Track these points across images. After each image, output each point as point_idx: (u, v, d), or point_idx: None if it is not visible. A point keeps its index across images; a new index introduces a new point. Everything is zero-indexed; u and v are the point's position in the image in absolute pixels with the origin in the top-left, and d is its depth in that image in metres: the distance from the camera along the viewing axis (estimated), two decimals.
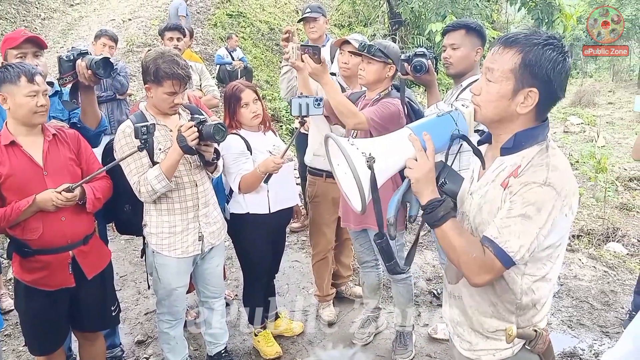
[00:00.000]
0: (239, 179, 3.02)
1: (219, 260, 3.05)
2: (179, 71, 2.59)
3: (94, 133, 2.79)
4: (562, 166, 1.49)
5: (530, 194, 1.44)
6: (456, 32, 2.93)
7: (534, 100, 1.47)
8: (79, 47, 2.63)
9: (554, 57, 1.44)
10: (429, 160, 1.54)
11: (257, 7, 14.28)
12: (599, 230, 5.93)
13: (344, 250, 4.06)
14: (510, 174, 1.51)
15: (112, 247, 4.21)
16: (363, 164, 1.50)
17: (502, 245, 1.45)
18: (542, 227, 1.43)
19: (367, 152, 1.51)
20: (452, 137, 1.59)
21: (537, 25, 10.10)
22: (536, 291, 1.57)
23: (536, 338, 1.57)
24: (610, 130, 14.01)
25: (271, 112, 9.74)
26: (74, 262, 2.56)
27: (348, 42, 3.31)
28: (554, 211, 1.43)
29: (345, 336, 3.64)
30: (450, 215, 1.53)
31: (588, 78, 29.57)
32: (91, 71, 2.52)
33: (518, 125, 1.53)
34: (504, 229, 1.46)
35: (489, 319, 1.65)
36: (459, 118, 1.58)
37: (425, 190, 1.55)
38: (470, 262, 1.49)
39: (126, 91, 5.25)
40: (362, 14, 14.72)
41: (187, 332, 3.48)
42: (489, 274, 1.48)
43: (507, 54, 1.48)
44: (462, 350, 1.77)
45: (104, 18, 12.31)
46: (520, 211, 1.44)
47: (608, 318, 3.90)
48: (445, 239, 1.54)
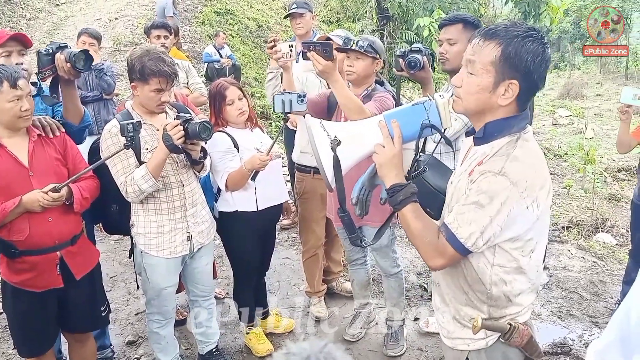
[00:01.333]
0: (226, 176, 3.01)
1: (208, 259, 3.04)
2: (165, 68, 2.57)
3: (77, 128, 2.73)
4: (526, 159, 1.49)
5: (484, 183, 1.46)
6: (453, 27, 2.80)
7: (514, 92, 1.48)
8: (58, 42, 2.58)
9: (534, 48, 1.45)
10: (394, 146, 1.59)
11: (244, 4, 14.21)
12: (588, 221, 5.97)
13: (334, 246, 4.06)
14: (478, 163, 1.53)
15: (102, 248, 4.19)
16: (327, 145, 1.59)
17: (453, 230, 1.50)
18: (495, 217, 1.45)
19: (333, 135, 1.60)
20: (422, 126, 1.62)
21: (524, 18, 10.12)
22: (509, 283, 1.58)
23: (510, 331, 1.57)
24: (599, 122, 14.11)
25: (260, 109, 9.70)
26: (62, 262, 2.54)
27: (330, 38, 3.30)
28: (508, 201, 1.44)
29: (336, 332, 3.65)
30: (410, 200, 1.58)
31: (576, 70, 29.73)
32: (70, 64, 2.46)
33: (497, 116, 1.55)
34: (458, 216, 1.50)
35: (464, 307, 1.68)
36: (431, 108, 1.61)
37: (389, 174, 1.60)
38: (425, 245, 1.56)
39: (113, 91, 5.20)
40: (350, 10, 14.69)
41: (177, 332, 3.47)
42: (442, 258, 1.54)
43: (487, 46, 1.48)
44: (442, 337, 1.82)
45: (90, 17, 12.21)
46: (474, 199, 1.47)
47: (597, 308, 3.93)
48: (404, 222, 1.60)
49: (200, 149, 2.72)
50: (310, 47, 2.56)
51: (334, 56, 2.57)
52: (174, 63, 2.70)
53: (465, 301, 1.66)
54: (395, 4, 10.08)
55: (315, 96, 3.16)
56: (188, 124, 2.55)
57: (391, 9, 10.51)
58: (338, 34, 3.33)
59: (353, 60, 2.96)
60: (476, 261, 1.57)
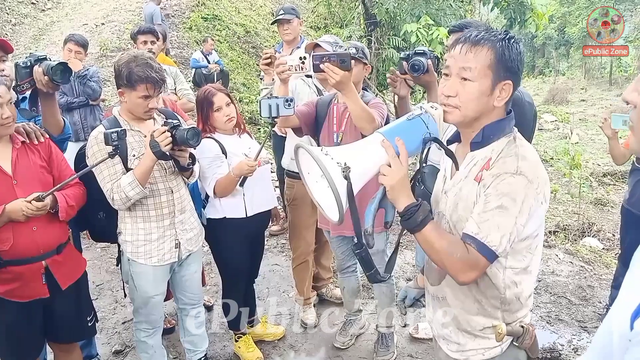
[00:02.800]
0: (214, 183, 2.99)
1: (196, 266, 3.01)
2: (152, 74, 2.54)
3: (56, 140, 2.67)
4: (531, 156, 1.52)
5: (504, 185, 1.45)
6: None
7: (509, 93, 1.52)
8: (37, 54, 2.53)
9: (519, 48, 1.51)
10: (402, 165, 1.52)
11: (232, 10, 14.20)
12: (574, 226, 6.02)
13: (324, 253, 4.04)
14: (482, 168, 1.53)
15: (88, 256, 4.14)
16: (339, 174, 1.46)
17: (484, 240, 1.46)
18: (519, 216, 1.45)
19: (342, 162, 1.47)
20: (424, 140, 1.58)
21: (510, 24, 10.22)
22: (519, 284, 1.58)
23: (523, 334, 1.59)
24: (584, 127, 14.24)
25: (248, 115, 9.69)
26: (48, 272, 2.49)
27: (319, 45, 3.29)
28: (528, 199, 1.45)
29: (326, 339, 3.63)
30: (429, 219, 1.52)
31: (561, 76, 30.09)
32: (48, 77, 2.42)
33: (491, 119, 1.56)
34: (483, 224, 1.46)
35: (475, 317, 1.65)
36: (429, 121, 1.58)
37: (400, 196, 1.53)
38: (455, 262, 1.48)
39: (99, 97, 5.17)
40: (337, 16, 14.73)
41: (165, 340, 3.43)
42: (475, 270, 1.49)
43: (480, 51, 1.50)
44: (450, 352, 1.76)
45: (76, 23, 12.11)
46: (496, 203, 1.45)
47: (586, 313, 3.95)
48: (427, 243, 1.52)
49: (188, 155, 2.69)
50: (324, 58, 2.40)
51: (352, 66, 2.45)
52: (162, 69, 2.67)
53: (477, 310, 1.64)
54: (383, 10, 10.12)
55: (303, 107, 3.09)
56: (176, 130, 2.52)
57: (379, 15, 10.54)
58: (327, 40, 3.32)
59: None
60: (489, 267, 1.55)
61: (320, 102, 3.13)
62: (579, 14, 28.22)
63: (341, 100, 3.06)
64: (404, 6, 10.34)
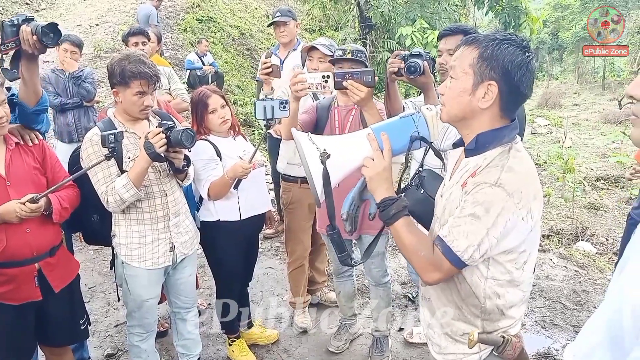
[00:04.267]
0: (208, 185, 2.97)
1: (191, 270, 2.98)
2: (145, 69, 2.51)
3: (31, 111, 2.52)
4: (521, 169, 1.48)
5: (480, 194, 1.45)
6: (454, 37, 2.79)
7: (494, 94, 1.48)
8: (24, 14, 2.36)
9: (512, 50, 1.46)
10: (384, 159, 1.58)
11: (227, 12, 14.17)
12: (568, 230, 6.04)
13: (319, 256, 4.03)
14: (471, 175, 1.52)
15: (81, 258, 4.10)
16: (316, 158, 1.56)
17: (450, 244, 1.48)
18: (492, 228, 1.43)
19: (322, 148, 1.57)
20: (411, 138, 1.62)
21: (505, 28, 10.27)
22: (502, 296, 1.56)
23: (504, 344, 1.56)
24: (577, 131, 14.33)
25: (243, 117, 9.66)
26: (40, 274, 2.47)
27: (315, 48, 3.28)
28: (504, 212, 1.42)
29: (321, 343, 3.62)
30: (402, 214, 1.56)
31: (554, 80, 30.25)
32: (36, 37, 2.27)
33: (483, 123, 1.54)
34: (454, 229, 1.48)
35: (457, 322, 1.66)
36: (419, 120, 1.62)
37: (379, 188, 1.59)
38: (420, 259, 1.53)
39: (93, 98, 5.13)
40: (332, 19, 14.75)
41: (158, 344, 3.40)
42: (438, 272, 1.52)
43: (467, 50, 1.51)
44: (433, 353, 1.79)
45: (70, 23, 12.05)
46: (470, 211, 1.45)
47: (581, 317, 3.96)
48: (397, 237, 1.58)
49: (183, 157, 2.67)
50: (347, 75, 2.31)
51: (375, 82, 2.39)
52: (155, 65, 2.64)
53: (458, 316, 1.64)
54: (378, 13, 10.15)
55: (304, 115, 3.05)
56: (170, 132, 2.50)
57: (374, 18, 10.56)
58: (322, 43, 3.31)
59: (347, 69, 2.91)
60: (470, 275, 1.56)
61: (320, 107, 3.12)
62: (572, 19, 28.43)
63: (342, 103, 3.05)
64: (398, 9, 10.37)
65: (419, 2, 10.13)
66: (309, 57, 3.38)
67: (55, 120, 5.01)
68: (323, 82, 2.40)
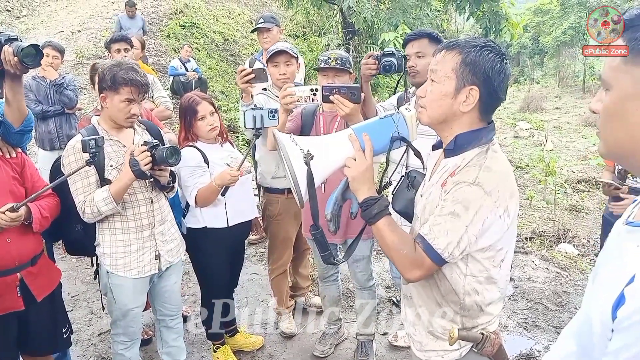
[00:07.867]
0: (195, 192, 2.97)
1: (176, 277, 2.96)
2: (137, 77, 2.51)
3: (16, 131, 2.47)
4: (498, 168, 1.53)
5: (459, 193, 1.49)
6: (419, 41, 2.89)
7: (475, 98, 1.53)
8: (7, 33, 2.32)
9: (492, 57, 1.51)
10: (366, 159, 1.61)
11: (210, 18, 14.17)
12: (550, 232, 6.11)
13: (302, 262, 4.03)
14: (450, 174, 1.56)
15: (63, 266, 4.08)
16: (300, 160, 1.57)
17: (431, 242, 1.51)
18: (470, 225, 1.47)
19: (306, 149, 1.59)
20: (392, 138, 1.65)
21: (485, 33, 10.39)
22: (480, 293, 1.60)
23: (483, 341, 1.60)
24: (558, 134, 14.52)
25: (227, 122, 9.65)
26: (23, 284, 2.45)
27: (282, 52, 3.29)
28: (482, 210, 1.47)
29: (306, 348, 3.62)
30: (384, 213, 1.60)
31: (535, 84, 30.61)
32: (18, 58, 2.24)
33: (463, 126, 1.58)
34: (434, 227, 1.52)
35: (437, 319, 1.69)
36: (399, 121, 1.66)
37: (361, 188, 1.63)
38: (402, 257, 1.56)
39: (75, 105, 5.11)
40: (315, 24, 14.82)
41: (143, 352, 3.38)
42: (420, 269, 1.55)
43: (448, 55, 1.55)
44: (415, 351, 1.81)
45: (52, 30, 11.96)
46: (450, 209, 1.49)
47: (562, 319, 4.01)
48: (380, 236, 1.61)
49: (169, 174, 2.67)
50: (334, 90, 2.36)
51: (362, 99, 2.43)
52: (146, 75, 2.64)
53: (439, 313, 1.68)
54: (361, 18, 10.20)
55: (290, 123, 3.03)
56: (155, 150, 2.50)
57: (357, 24, 10.63)
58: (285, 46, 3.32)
59: (332, 77, 2.92)
60: (449, 272, 1.59)
61: (305, 113, 3.13)
62: (552, 24, 28.79)
63: (327, 109, 3.05)
64: (381, 15, 10.44)
65: (402, 7, 10.21)
66: (274, 64, 3.34)
67: (37, 127, 4.96)
68: (312, 94, 2.49)
